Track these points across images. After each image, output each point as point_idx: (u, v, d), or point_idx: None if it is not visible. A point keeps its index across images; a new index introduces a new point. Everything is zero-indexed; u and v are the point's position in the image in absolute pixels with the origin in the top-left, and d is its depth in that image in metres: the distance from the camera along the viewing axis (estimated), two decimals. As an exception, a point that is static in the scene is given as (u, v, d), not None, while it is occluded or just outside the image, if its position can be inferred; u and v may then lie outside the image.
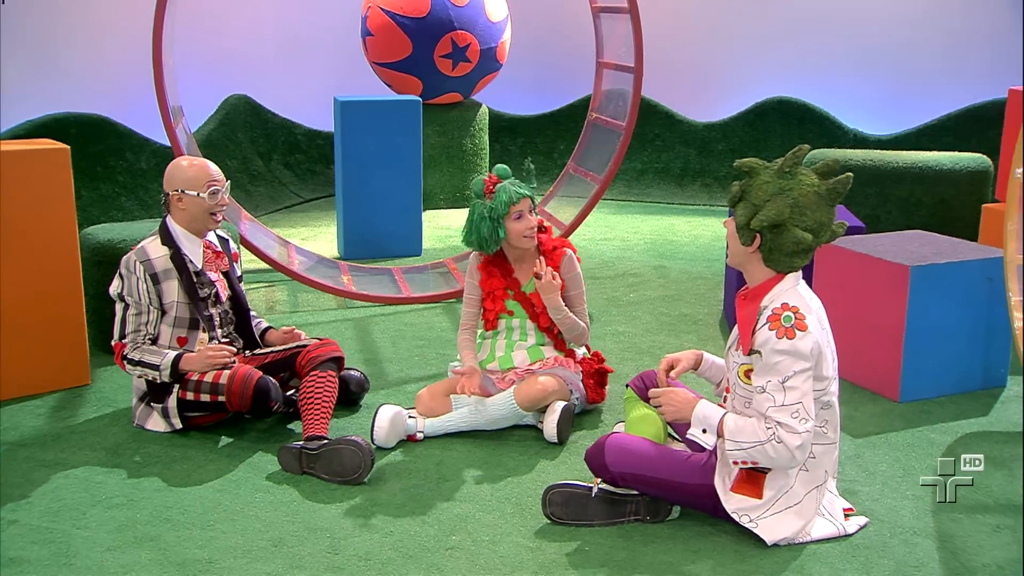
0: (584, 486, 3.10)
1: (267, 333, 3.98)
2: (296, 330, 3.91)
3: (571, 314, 3.81)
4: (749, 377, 2.94)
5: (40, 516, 3.12)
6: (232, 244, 3.98)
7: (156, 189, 6.91)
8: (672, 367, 3.21)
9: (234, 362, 3.67)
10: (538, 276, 3.73)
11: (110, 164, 6.66)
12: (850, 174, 2.94)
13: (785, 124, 8.57)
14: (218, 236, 3.91)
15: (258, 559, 2.90)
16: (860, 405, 4.07)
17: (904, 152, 6.39)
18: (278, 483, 3.36)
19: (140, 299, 3.64)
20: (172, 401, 3.65)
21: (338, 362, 3.75)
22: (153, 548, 2.95)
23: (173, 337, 3.69)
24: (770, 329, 2.84)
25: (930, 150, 6.93)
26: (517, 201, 3.74)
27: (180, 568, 2.84)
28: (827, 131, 8.47)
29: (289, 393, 3.80)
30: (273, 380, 3.64)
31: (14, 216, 3.92)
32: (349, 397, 3.94)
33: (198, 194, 3.71)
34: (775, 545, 2.96)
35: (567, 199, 5.99)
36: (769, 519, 2.95)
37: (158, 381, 3.63)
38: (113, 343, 3.68)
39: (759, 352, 2.86)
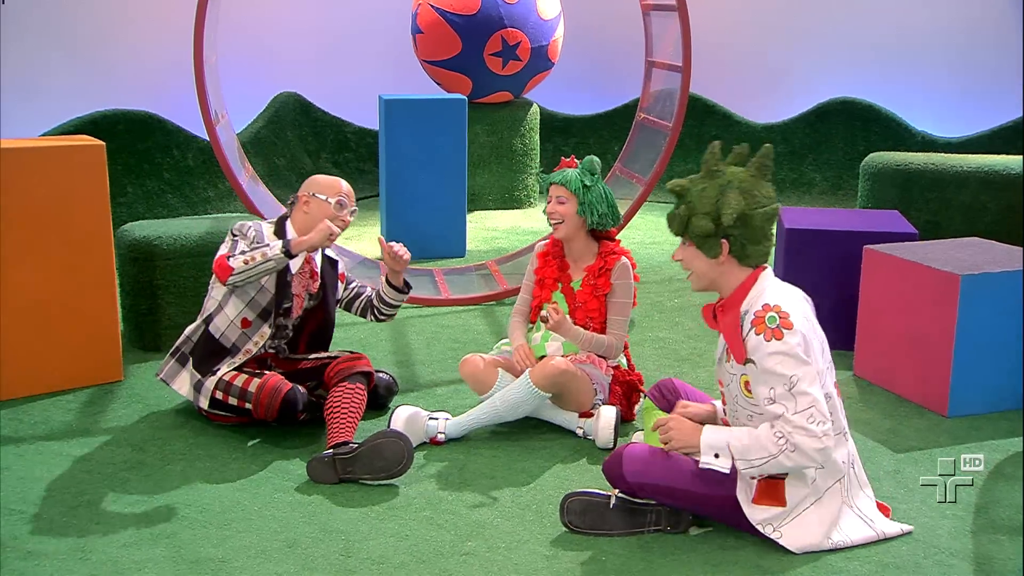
0: (603, 495, 3.03)
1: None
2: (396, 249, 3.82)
3: (593, 337, 3.73)
4: (750, 389, 2.86)
5: (61, 510, 3.14)
6: (341, 265, 3.99)
7: (202, 186, 6.98)
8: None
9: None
10: (544, 320, 3.68)
11: (156, 161, 6.74)
12: (769, 145, 2.95)
13: (848, 126, 8.34)
14: (327, 256, 3.90)
15: (271, 559, 2.88)
16: (905, 419, 3.91)
17: (968, 155, 6.13)
18: (298, 484, 3.33)
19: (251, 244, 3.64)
20: (210, 382, 3.65)
21: (367, 377, 3.71)
22: (168, 545, 2.94)
23: (239, 316, 3.68)
24: (756, 333, 2.79)
25: (1004, 154, 6.61)
26: (556, 183, 3.81)
27: (193, 566, 2.83)
28: (893, 133, 8.22)
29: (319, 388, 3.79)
30: (302, 390, 3.63)
31: (49, 211, 3.96)
32: (377, 400, 3.90)
33: (326, 199, 3.72)
34: (805, 553, 2.86)
35: (613, 201, 5.88)
36: (793, 523, 2.87)
37: (266, 255, 3.52)
38: (216, 258, 3.59)
39: (753, 361, 2.80)
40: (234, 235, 3.67)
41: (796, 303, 2.86)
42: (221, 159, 4.73)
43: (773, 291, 2.86)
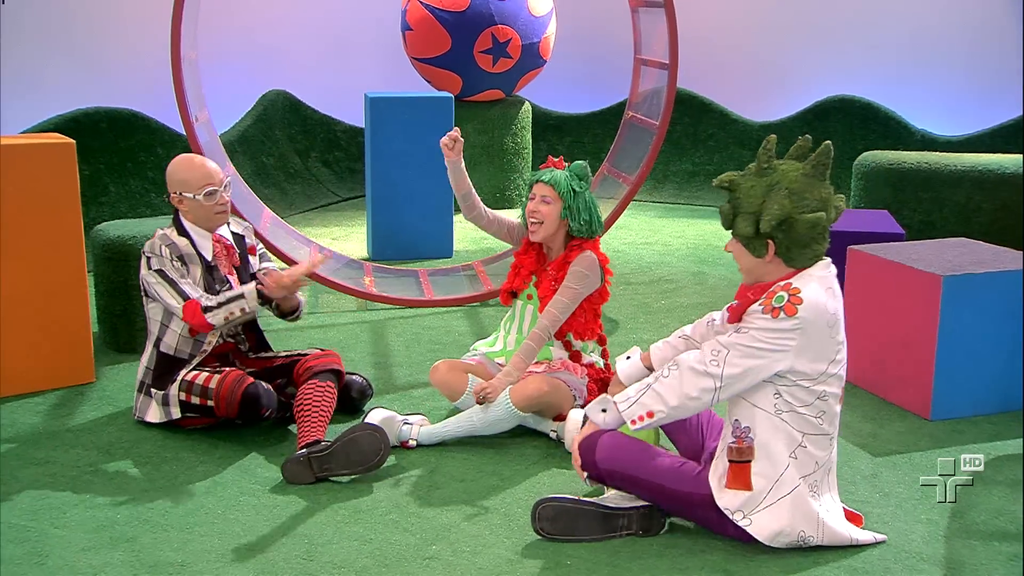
0: (575, 499, 2.98)
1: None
2: (273, 273, 3.71)
3: (524, 358, 3.60)
4: None
5: (21, 515, 3.10)
6: (248, 239, 3.92)
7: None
8: None
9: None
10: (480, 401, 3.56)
11: (140, 159, 6.66)
12: (828, 143, 2.83)
13: (847, 124, 8.25)
14: (233, 232, 3.85)
15: (231, 563, 2.84)
16: (887, 422, 3.84)
17: (962, 155, 6.05)
18: (264, 487, 3.29)
19: (179, 271, 3.61)
20: (174, 388, 3.60)
21: (338, 375, 3.68)
22: (128, 550, 2.90)
23: (186, 327, 3.62)
24: (759, 305, 2.75)
25: (1005, 153, 6.49)
26: (543, 181, 3.70)
27: (152, 570, 2.79)
28: (892, 132, 8.12)
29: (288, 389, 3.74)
30: (266, 385, 3.57)
31: (18, 211, 3.91)
32: (351, 403, 3.84)
33: (194, 196, 3.65)
34: (776, 546, 2.83)
35: (600, 201, 5.80)
36: (762, 512, 2.81)
37: (245, 311, 3.56)
38: (181, 305, 3.56)
39: (740, 322, 2.79)
40: (148, 256, 3.61)
41: (820, 297, 2.75)
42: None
43: (811, 279, 2.78)
